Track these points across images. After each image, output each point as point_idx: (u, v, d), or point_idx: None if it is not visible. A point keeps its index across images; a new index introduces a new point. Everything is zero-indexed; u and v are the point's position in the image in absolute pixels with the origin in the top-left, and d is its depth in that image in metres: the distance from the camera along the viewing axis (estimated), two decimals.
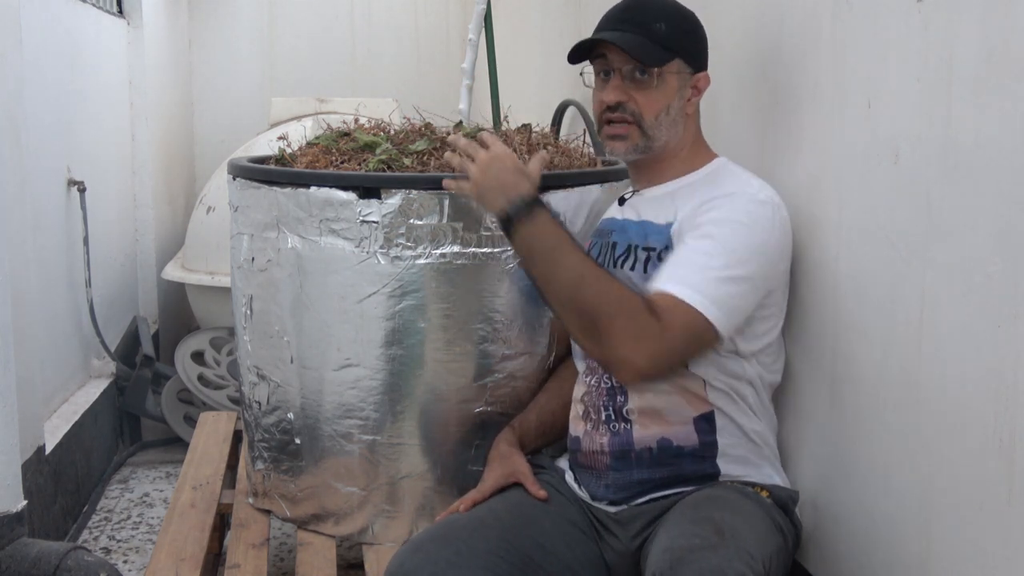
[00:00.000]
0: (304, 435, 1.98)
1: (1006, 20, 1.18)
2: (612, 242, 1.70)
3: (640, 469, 1.61)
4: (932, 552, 1.36)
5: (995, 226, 1.21)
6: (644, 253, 1.63)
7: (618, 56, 1.62)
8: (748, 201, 1.58)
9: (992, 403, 1.22)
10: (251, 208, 2.01)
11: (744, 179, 1.65)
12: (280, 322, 1.97)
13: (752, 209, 1.57)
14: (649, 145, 1.64)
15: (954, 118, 1.28)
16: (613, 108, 1.63)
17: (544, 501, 1.65)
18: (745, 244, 1.54)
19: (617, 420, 1.62)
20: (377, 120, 2.25)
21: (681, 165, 1.69)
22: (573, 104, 3.12)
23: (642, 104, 1.62)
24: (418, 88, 5.15)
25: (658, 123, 1.63)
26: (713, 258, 1.51)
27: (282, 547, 2.67)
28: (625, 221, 1.71)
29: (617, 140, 1.65)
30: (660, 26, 1.61)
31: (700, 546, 1.34)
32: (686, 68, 1.65)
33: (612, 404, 1.62)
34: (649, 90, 1.62)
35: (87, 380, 3.37)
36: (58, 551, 1.92)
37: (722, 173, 1.67)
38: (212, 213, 3.68)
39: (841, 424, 1.59)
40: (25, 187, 2.53)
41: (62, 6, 3.22)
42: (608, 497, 1.64)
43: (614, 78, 1.64)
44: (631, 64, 1.61)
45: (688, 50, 1.65)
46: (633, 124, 1.63)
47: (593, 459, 1.65)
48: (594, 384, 1.66)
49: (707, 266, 1.50)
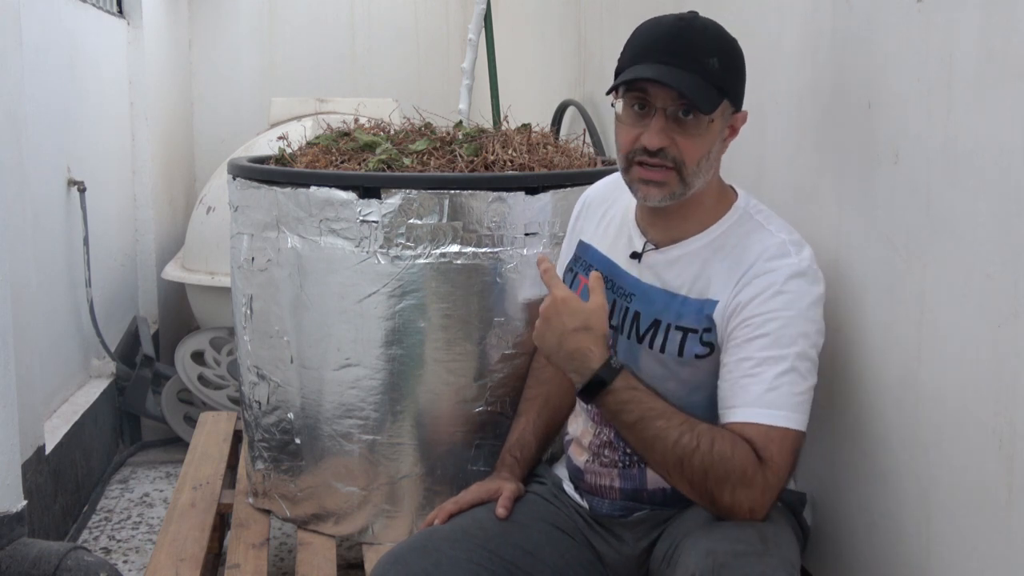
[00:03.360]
0: (304, 435, 1.98)
1: (1006, 20, 1.18)
2: (635, 311, 1.54)
3: (653, 505, 1.57)
4: (932, 552, 1.36)
5: (995, 226, 1.21)
6: (679, 333, 1.49)
7: (664, 93, 1.42)
8: (791, 277, 1.44)
9: (992, 403, 1.22)
10: (251, 208, 2.01)
11: (778, 239, 1.49)
12: (280, 322, 1.97)
13: (797, 289, 1.44)
14: (685, 192, 1.46)
15: (954, 118, 1.28)
16: (652, 153, 1.44)
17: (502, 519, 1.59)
18: (802, 332, 1.43)
19: (631, 466, 1.57)
20: (377, 120, 2.25)
21: (705, 216, 1.52)
22: (573, 104, 3.12)
23: (684, 149, 1.43)
24: (418, 88, 5.15)
25: (698, 169, 1.45)
26: (780, 362, 1.40)
27: (282, 547, 2.67)
28: (648, 288, 1.54)
29: (653, 186, 1.46)
30: (713, 62, 1.42)
31: (745, 552, 1.31)
32: (729, 108, 1.48)
33: (626, 448, 1.56)
34: (694, 135, 1.43)
35: (87, 380, 3.37)
36: (58, 551, 1.92)
37: (746, 227, 1.51)
38: (212, 213, 3.68)
39: (841, 424, 1.59)
40: (25, 187, 2.53)
41: (62, 6, 3.22)
42: (615, 515, 1.60)
43: (656, 118, 1.43)
44: (677, 105, 1.42)
45: (735, 88, 1.48)
46: (672, 170, 1.44)
47: (601, 491, 1.61)
48: (605, 434, 1.59)
49: (778, 373, 1.40)
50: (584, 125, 2.91)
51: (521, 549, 1.55)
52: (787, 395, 1.40)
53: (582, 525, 1.63)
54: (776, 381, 1.40)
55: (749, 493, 1.37)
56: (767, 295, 1.44)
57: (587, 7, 3.08)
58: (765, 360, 1.41)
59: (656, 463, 1.42)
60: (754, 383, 1.40)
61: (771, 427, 1.38)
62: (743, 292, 1.45)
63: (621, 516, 1.59)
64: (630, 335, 1.54)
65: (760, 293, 1.44)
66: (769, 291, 1.44)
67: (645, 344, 1.52)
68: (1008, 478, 1.19)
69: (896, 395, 1.43)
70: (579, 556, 1.60)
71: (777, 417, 1.39)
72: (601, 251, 1.63)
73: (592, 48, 3.04)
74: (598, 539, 1.62)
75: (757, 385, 1.40)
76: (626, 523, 1.60)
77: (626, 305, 1.56)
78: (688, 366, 1.50)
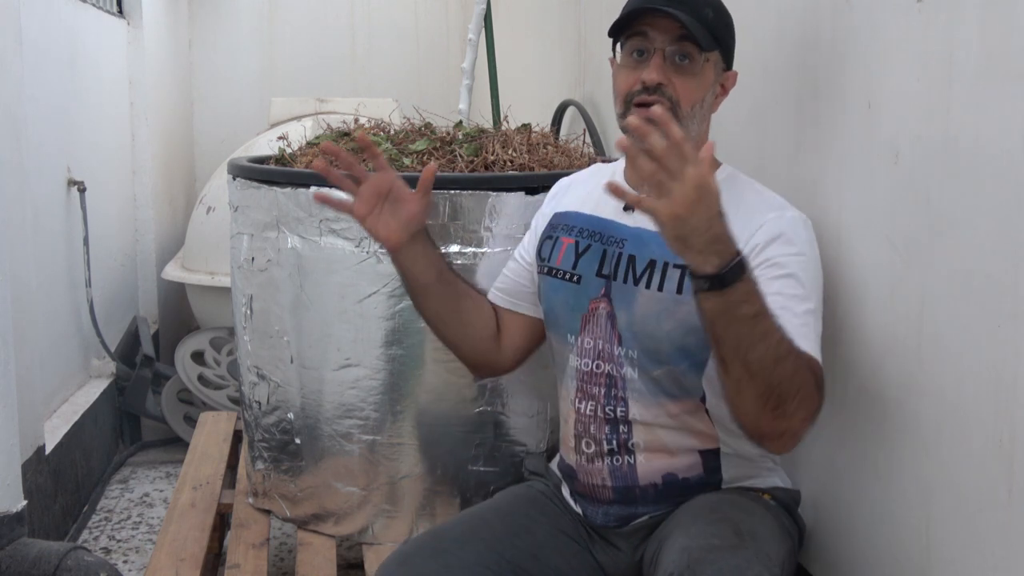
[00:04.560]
0: (304, 435, 1.98)
1: (1006, 20, 1.18)
2: (629, 255, 1.54)
3: (645, 504, 1.56)
4: (932, 552, 1.36)
5: (995, 226, 1.21)
6: (677, 271, 1.49)
7: (663, 35, 1.49)
8: (803, 227, 1.50)
9: (992, 403, 1.22)
10: (251, 208, 2.01)
11: (766, 193, 1.56)
12: (280, 322, 1.98)
13: (808, 238, 1.49)
14: None
15: (954, 118, 1.28)
16: (651, 90, 1.48)
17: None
18: (815, 276, 1.48)
19: (620, 453, 1.55)
20: (377, 120, 2.25)
21: None
22: (573, 104, 3.12)
23: (680, 90, 1.49)
24: (418, 88, 5.15)
25: (692, 114, 1.51)
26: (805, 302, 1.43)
27: (282, 547, 2.67)
28: (639, 230, 1.53)
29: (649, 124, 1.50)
30: (708, 12, 1.50)
31: (719, 546, 1.32)
32: (721, 62, 1.55)
33: (615, 437, 1.55)
34: (690, 77, 1.50)
35: (87, 380, 3.37)
36: (58, 551, 1.91)
37: (740, 185, 1.56)
38: (212, 213, 3.68)
39: (841, 424, 1.59)
40: (25, 187, 2.53)
41: (62, 6, 3.22)
42: (609, 524, 1.59)
43: (655, 57, 1.49)
44: (676, 45, 1.49)
45: (727, 43, 1.55)
46: (668, 111, 1.40)
47: (593, 491, 1.59)
48: (589, 413, 1.56)
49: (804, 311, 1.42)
50: (584, 125, 2.91)
51: (527, 552, 1.55)
52: (816, 333, 1.43)
53: (582, 532, 1.62)
54: (804, 318, 1.41)
55: (806, 419, 1.36)
56: (786, 238, 1.46)
57: (587, 7, 3.08)
58: (793, 297, 1.42)
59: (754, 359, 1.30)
60: (790, 317, 1.38)
61: (820, 364, 1.39)
62: (759, 233, 1.46)
63: (616, 526, 1.59)
64: (626, 279, 1.53)
65: (778, 236, 1.46)
66: (787, 235, 1.46)
67: (641, 285, 1.51)
68: (1008, 478, 1.19)
69: (896, 395, 1.43)
70: (583, 562, 1.59)
71: (819, 356, 1.40)
72: (586, 212, 1.62)
73: (592, 48, 3.04)
74: (597, 548, 1.61)
75: (794, 319, 1.39)
76: (621, 533, 1.59)
77: (619, 251, 1.55)
78: (686, 304, 1.46)
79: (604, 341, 1.55)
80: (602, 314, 1.55)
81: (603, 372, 1.56)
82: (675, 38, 1.48)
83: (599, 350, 1.55)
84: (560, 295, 1.61)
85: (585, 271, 1.58)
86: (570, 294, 1.59)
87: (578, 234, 1.61)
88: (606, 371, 1.55)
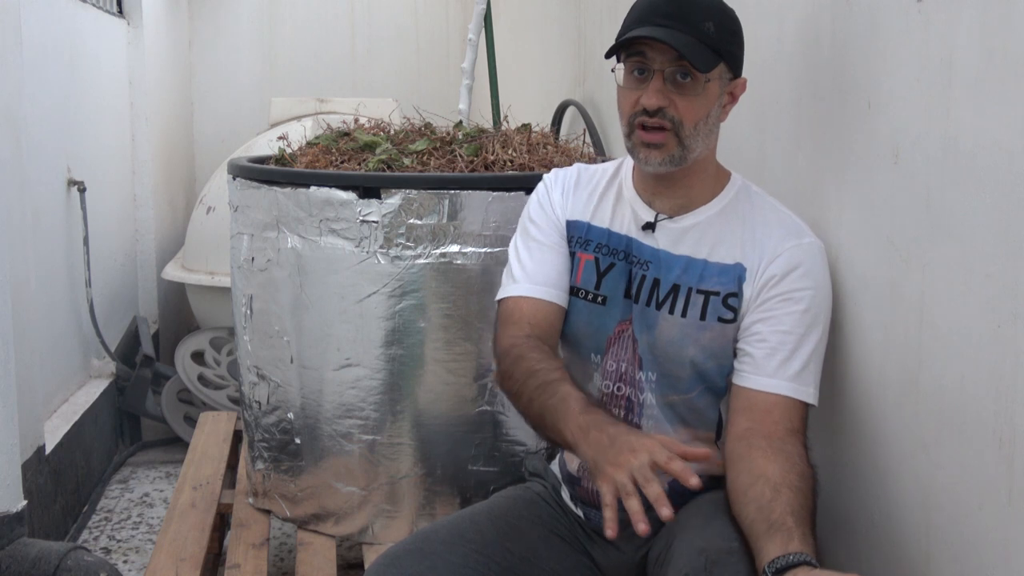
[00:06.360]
0: (304, 435, 1.98)
1: (1006, 20, 1.18)
2: (653, 278, 1.52)
3: (649, 510, 1.55)
4: (932, 552, 1.36)
5: (995, 226, 1.21)
6: (700, 297, 1.49)
7: (661, 56, 1.45)
8: (817, 255, 1.52)
9: (992, 403, 1.22)
10: (251, 208, 2.01)
11: (788, 214, 1.55)
12: (280, 322, 1.98)
13: (821, 265, 1.52)
14: (684, 156, 1.48)
15: (954, 118, 1.28)
16: (652, 113, 1.46)
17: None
18: (827, 307, 1.52)
19: None
20: (377, 120, 2.26)
21: (709, 186, 1.55)
22: (573, 104, 3.12)
23: (683, 110, 1.46)
24: (418, 88, 5.16)
25: (696, 132, 1.48)
26: (815, 336, 1.49)
27: (282, 547, 2.67)
28: (666, 254, 1.52)
29: (653, 149, 1.47)
30: (709, 26, 1.45)
31: (738, 549, 1.32)
32: (727, 73, 1.50)
33: None
34: (692, 96, 1.46)
35: (87, 380, 3.37)
36: (58, 551, 1.92)
37: (753, 199, 1.56)
38: (212, 213, 3.68)
39: (841, 424, 1.59)
40: (25, 187, 2.53)
41: (62, 6, 3.22)
42: None
43: (654, 79, 1.45)
44: (675, 66, 1.45)
45: (733, 53, 1.50)
46: (671, 132, 1.46)
47: (596, 497, 1.55)
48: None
49: (813, 353, 1.48)
50: (584, 125, 2.91)
51: (518, 555, 1.54)
52: (813, 381, 1.48)
53: (580, 534, 1.61)
54: (807, 360, 1.47)
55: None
56: (804, 270, 1.49)
57: (587, 7, 3.08)
58: (803, 337, 1.47)
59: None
60: (795, 362, 1.47)
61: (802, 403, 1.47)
62: (775, 264, 1.49)
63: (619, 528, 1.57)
64: (649, 302, 1.53)
65: (796, 267, 1.49)
66: (806, 266, 1.49)
67: (664, 310, 1.51)
68: (1008, 478, 1.19)
69: (896, 395, 1.43)
70: (576, 563, 1.59)
71: (810, 395, 1.48)
72: (602, 226, 1.60)
73: (592, 48, 3.04)
74: (596, 549, 1.60)
75: (796, 363, 1.46)
76: (624, 534, 1.57)
77: (643, 273, 1.54)
78: (709, 331, 1.49)
79: (627, 364, 1.54)
80: (627, 337, 1.54)
81: (624, 395, 1.56)
82: (674, 58, 1.44)
83: (622, 372, 1.55)
84: (583, 316, 1.57)
85: (611, 292, 1.55)
86: (595, 315, 1.56)
87: (596, 249, 1.58)
88: (626, 394, 1.56)
